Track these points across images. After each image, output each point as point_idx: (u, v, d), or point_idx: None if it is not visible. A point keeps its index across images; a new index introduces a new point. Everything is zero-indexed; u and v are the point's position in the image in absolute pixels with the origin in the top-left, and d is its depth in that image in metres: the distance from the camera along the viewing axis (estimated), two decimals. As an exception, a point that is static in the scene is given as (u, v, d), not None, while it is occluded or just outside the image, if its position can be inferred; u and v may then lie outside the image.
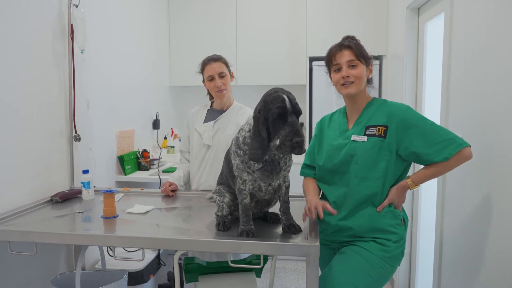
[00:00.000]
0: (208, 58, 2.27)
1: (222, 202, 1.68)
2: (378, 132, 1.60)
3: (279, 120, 1.38)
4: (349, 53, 1.64)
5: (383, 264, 1.60)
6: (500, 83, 1.49)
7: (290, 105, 1.38)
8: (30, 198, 2.07)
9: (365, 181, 1.62)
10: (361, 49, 1.66)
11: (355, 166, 1.63)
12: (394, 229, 1.63)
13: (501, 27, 1.49)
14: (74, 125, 2.37)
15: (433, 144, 1.54)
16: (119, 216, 1.85)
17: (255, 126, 1.44)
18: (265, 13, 3.88)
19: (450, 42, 1.98)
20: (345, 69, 1.64)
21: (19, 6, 2.00)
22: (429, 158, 1.55)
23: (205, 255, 2.13)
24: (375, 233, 1.63)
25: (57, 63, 2.28)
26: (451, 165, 1.55)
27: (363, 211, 1.64)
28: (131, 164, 3.14)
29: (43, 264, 2.15)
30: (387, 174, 1.61)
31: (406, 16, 2.81)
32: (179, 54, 4.06)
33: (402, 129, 1.58)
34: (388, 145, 1.59)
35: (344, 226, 1.66)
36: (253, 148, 1.42)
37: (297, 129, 1.36)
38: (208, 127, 2.28)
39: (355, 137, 1.64)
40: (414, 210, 2.78)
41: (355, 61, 1.63)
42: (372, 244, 1.62)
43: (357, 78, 1.63)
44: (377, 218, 1.63)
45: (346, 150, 1.65)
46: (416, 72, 2.83)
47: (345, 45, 1.65)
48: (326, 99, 3.59)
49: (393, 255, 1.61)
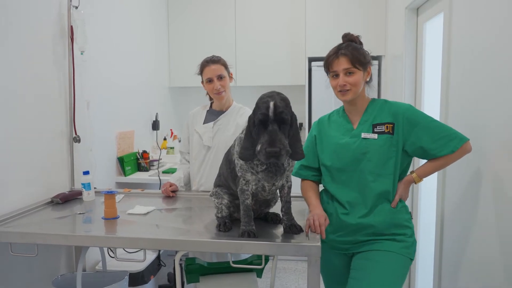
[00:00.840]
0: (207, 59, 2.27)
1: (221, 204, 1.68)
2: (387, 129, 1.65)
3: (261, 126, 1.40)
4: (346, 61, 1.64)
5: (406, 260, 1.64)
6: (500, 83, 1.50)
7: (273, 114, 1.38)
8: (30, 200, 2.07)
9: (380, 177, 1.65)
10: (358, 55, 1.65)
11: (368, 163, 1.65)
12: (408, 223, 1.69)
13: (500, 26, 1.50)
14: (74, 126, 2.37)
15: (439, 139, 1.60)
16: (120, 217, 1.86)
17: (247, 126, 1.48)
18: (264, 14, 3.89)
19: (450, 42, 1.99)
20: (341, 77, 1.66)
21: (19, 8, 2.00)
22: (435, 152, 1.61)
23: (204, 256, 2.13)
24: (394, 228, 1.66)
25: (57, 65, 2.28)
26: (454, 158, 1.62)
27: (380, 207, 1.66)
28: (131, 165, 3.14)
29: (44, 265, 2.15)
30: (396, 170, 1.65)
31: (405, 16, 2.82)
32: (179, 55, 4.06)
33: (408, 126, 1.63)
34: (396, 141, 1.64)
35: (366, 224, 1.66)
36: (244, 147, 1.46)
37: (272, 139, 1.35)
38: (208, 128, 2.29)
39: (366, 134, 1.66)
40: (414, 209, 2.78)
41: (351, 68, 1.64)
42: (392, 243, 1.64)
43: (353, 86, 1.65)
44: (395, 214, 1.67)
45: (356, 148, 1.66)
46: (415, 72, 2.84)
47: (342, 53, 1.66)
48: (325, 99, 3.59)
49: (412, 249, 1.67)
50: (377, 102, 1.73)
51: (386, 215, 1.65)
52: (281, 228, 1.63)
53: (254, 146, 1.43)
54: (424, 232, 2.70)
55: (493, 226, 1.53)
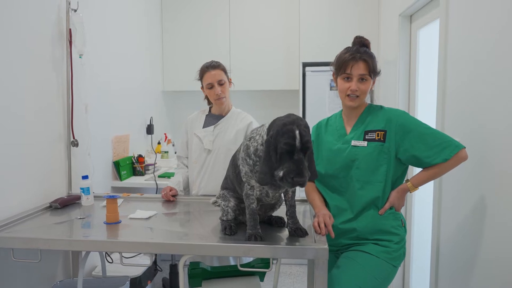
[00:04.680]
0: (206, 65, 2.27)
1: (227, 206, 1.69)
2: (378, 137, 1.65)
3: (286, 154, 1.37)
4: (364, 67, 1.64)
5: (386, 266, 1.64)
6: (496, 88, 1.53)
7: (299, 143, 1.35)
8: (29, 205, 2.04)
9: (367, 185, 1.66)
10: (374, 63, 1.67)
11: (356, 170, 1.66)
12: (396, 230, 1.68)
13: (496, 32, 1.54)
14: (72, 130, 2.35)
15: (432, 147, 1.58)
16: (121, 222, 1.85)
17: (266, 150, 1.41)
18: (259, 19, 3.92)
19: (446, 48, 2.04)
20: (355, 82, 1.65)
21: (18, 11, 1.98)
22: (429, 161, 1.59)
23: (205, 260, 2.13)
24: (378, 234, 1.66)
25: (56, 68, 2.26)
26: (449, 166, 1.60)
27: (366, 213, 1.67)
28: (127, 170, 3.12)
29: (41, 271, 2.12)
30: (388, 177, 1.65)
31: (399, 24, 2.88)
32: (173, 59, 4.05)
33: (401, 133, 1.62)
34: (387, 149, 1.63)
35: (348, 228, 1.69)
36: (262, 172, 1.41)
37: (300, 168, 1.34)
38: (208, 132, 2.29)
39: (355, 142, 1.68)
40: (408, 212, 2.83)
41: (366, 75, 1.65)
42: (374, 247, 1.66)
43: (363, 93, 1.67)
44: (380, 220, 1.67)
45: (347, 155, 1.68)
46: (409, 78, 2.90)
47: (361, 58, 1.64)
48: (319, 104, 3.63)
49: (395, 256, 1.66)
50: (373, 108, 1.75)
51: (369, 220, 1.67)
52: (286, 231, 1.64)
53: (273, 171, 1.40)
54: (418, 234, 2.75)
55: (490, 228, 1.57)
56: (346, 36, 1.74)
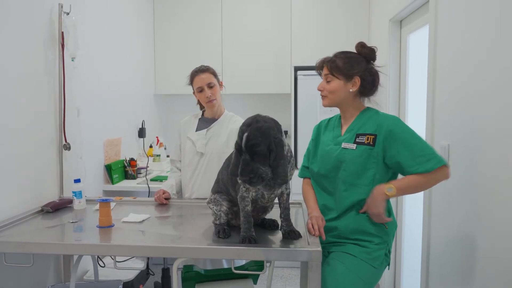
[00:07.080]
0: (196, 69, 2.32)
1: (220, 211, 1.70)
2: (367, 140, 1.67)
3: (237, 153, 1.47)
4: (326, 67, 1.74)
5: (367, 266, 1.66)
6: (486, 91, 1.57)
7: (244, 145, 1.40)
8: (20, 208, 2.02)
9: (353, 187, 1.69)
10: (341, 64, 1.70)
11: (343, 172, 1.69)
12: (377, 232, 1.69)
13: (484, 37, 1.58)
14: (64, 133, 2.34)
15: (417, 157, 1.60)
16: (114, 226, 1.84)
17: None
18: (251, 22, 3.94)
19: (435, 52, 2.07)
20: (321, 83, 1.76)
21: (9, 14, 1.97)
22: (410, 170, 1.61)
23: (198, 263, 2.13)
24: (359, 234, 1.69)
25: (48, 71, 2.25)
26: (430, 181, 1.61)
27: (349, 214, 1.71)
28: (119, 173, 3.10)
29: (33, 276, 2.10)
30: (375, 181, 1.67)
31: (389, 29, 2.92)
32: (165, 63, 4.05)
33: (389, 139, 1.65)
34: (376, 153, 1.66)
35: (331, 226, 1.72)
36: (234, 164, 1.50)
37: (243, 168, 1.39)
38: (201, 135, 2.30)
39: (345, 144, 1.71)
40: (399, 214, 2.86)
41: (329, 76, 1.73)
42: (354, 247, 1.68)
43: (330, 92, 1.73)
44: (362, 221, 1.69)
45: (336, 156, 1.71)
46: (399, 82, 2.93)
47: (326, 61, 1.76)
48: (310, 108, 3.66)
49: (375, 256, 1.67)
50: (368, 111, 1.77)
51: (350, 220, 1.70)
52: (279, 234, 1.66)
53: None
54: (408, 237, 2.78)
55: (481, 231, 1.59)
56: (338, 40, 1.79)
